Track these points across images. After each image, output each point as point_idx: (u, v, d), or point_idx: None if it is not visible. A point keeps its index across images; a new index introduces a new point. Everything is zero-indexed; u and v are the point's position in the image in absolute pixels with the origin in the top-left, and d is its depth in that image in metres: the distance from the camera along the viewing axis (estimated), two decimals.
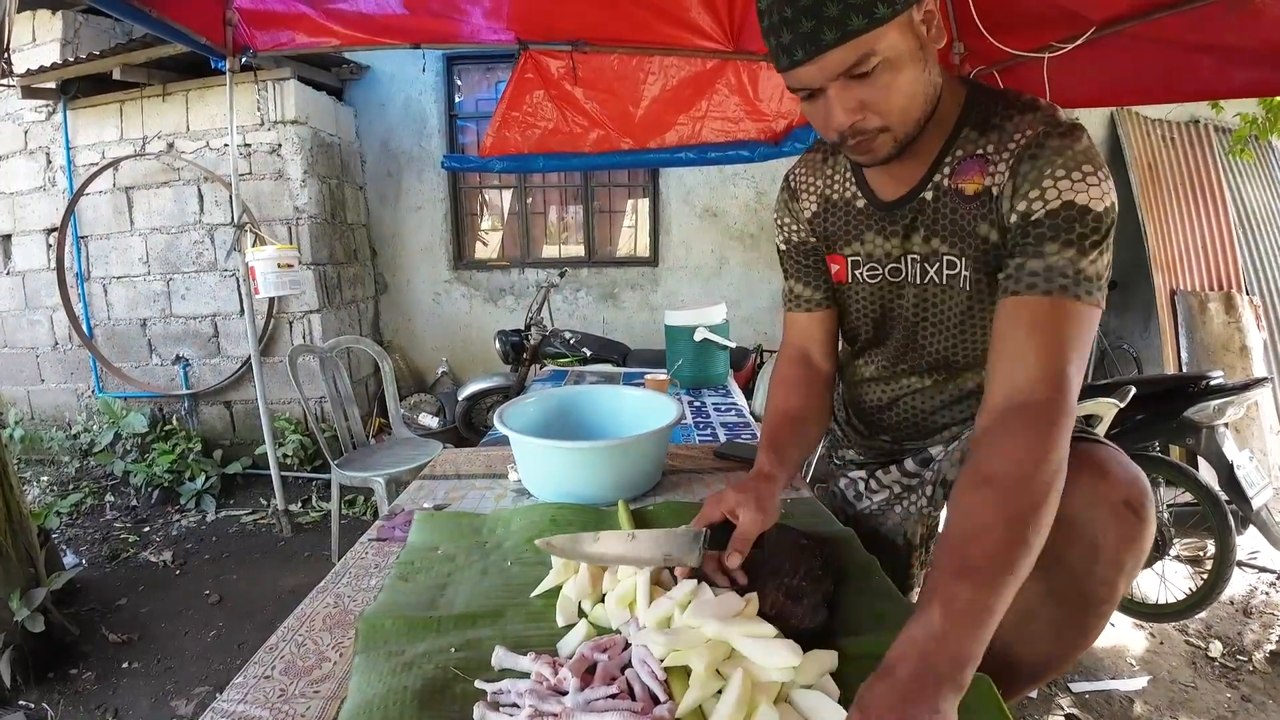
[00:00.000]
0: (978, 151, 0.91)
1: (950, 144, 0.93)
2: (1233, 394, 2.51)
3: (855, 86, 0.82)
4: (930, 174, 0.95)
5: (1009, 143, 0.88)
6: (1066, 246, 0.82)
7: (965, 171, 0.91)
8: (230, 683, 0.78)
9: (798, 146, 3.29)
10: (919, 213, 0.98)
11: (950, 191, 0.94)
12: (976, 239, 0.92)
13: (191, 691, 2.30)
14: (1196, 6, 1.86)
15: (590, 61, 2.93)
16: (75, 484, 4.19)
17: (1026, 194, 0.85)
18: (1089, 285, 0.82)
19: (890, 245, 1.03)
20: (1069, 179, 0.82)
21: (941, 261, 0.98)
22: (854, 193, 1.07)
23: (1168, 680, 2.28)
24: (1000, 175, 0.88)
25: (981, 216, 0.91)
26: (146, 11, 2.19)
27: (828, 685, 0.72)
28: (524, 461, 1.33)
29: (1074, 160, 0.83)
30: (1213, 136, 4.44)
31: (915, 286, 1.03)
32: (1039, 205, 0.84)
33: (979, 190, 0.90)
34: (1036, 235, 0.84)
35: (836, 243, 1.11)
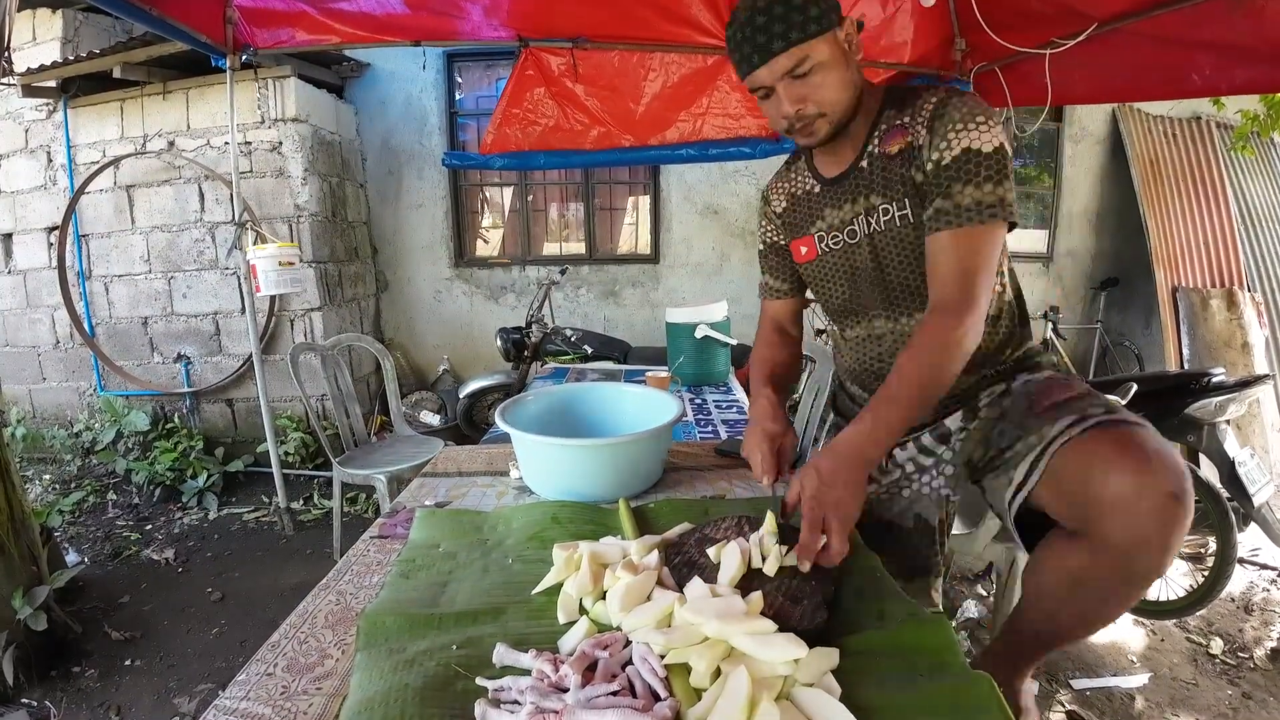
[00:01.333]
0: (897, 122, 1.17)
1: (876, 124, 1.20)
2: (1234, 391, 2.51)
3: (797, 84, 1.11)
4: (864, 148, 1.21)
5: (922, 111, 1.13)
6: (966, 184, 1.07)
7: (889, 138, 1.17)
8: (232, 680, 0.78)
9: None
10: (858, 180, 1.22)
11: (879, 156, 1.19)
12: (907, 184, 1.15)
13: (194, 689, 2.30)
14: (1197, 3, 1.86)
15: (591, 58, 2.92)
16: (77, 482, 4.20)
17: (938, 144, 1.10)
18: (992, 210, 1.06)
19: (843, 213, 1.26)
20: (965, 129, 1.08)
21: (878, 212, 1.20)
22: (811, 183, 1.33)
23: (1169, 677, 2.28)
24: (919, 133, 1.13)
25: (907, 165, 1.15)
26: (147, 9, 2.19)
27: (829, 683, 0.72)
28: (525, 459, 1.34)
29: (968, 113, 1.08)
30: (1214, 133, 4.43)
31: (867, 238, 1.23)
32: (946, 153, 1.09)
33: (902, 148, 1.15)
34: (946, 178, 1.09)
35: (804, 226, 1.35)
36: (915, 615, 0.87)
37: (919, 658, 0.79)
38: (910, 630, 0.84)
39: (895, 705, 0.71)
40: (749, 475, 1.47)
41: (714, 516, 1.11)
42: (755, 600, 0.83)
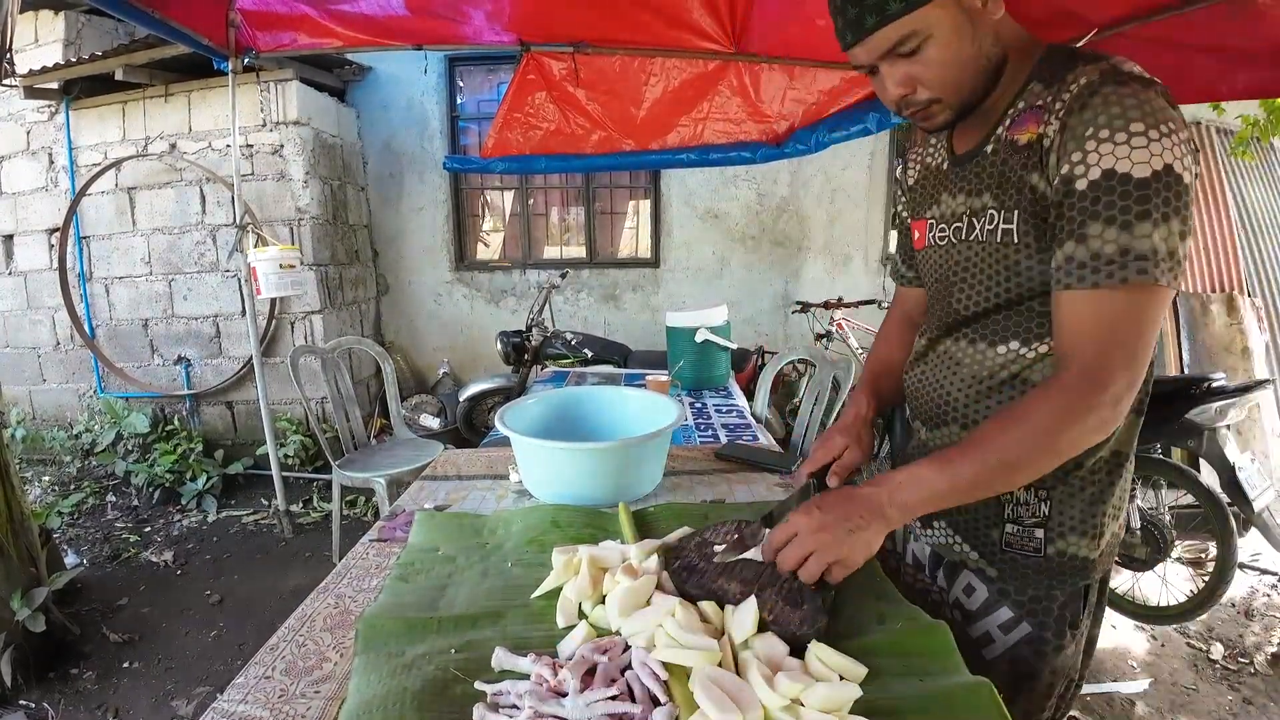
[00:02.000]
0: (1037, 103, 0.87)
1: (1017, 97, 0.91)
2: (1234, 396, 2.51)
3: (902, 63, 0.87)
4: (995, 128, 0.94)
5: (1065, 91, 0.82)
6: (1109, 225, 0.77)
7: (1022, 122, 0.88)
8: (231, 683, 0.78)
9: (799, 148, 3.29)
10: (980, 167, 0.95)
11: (1006, 143, 0.91)
12: (1024, 188, 0.87)
13: (192, 691, 2.30)
14: (1198, 8, 1.86)
15: (592, 63, 2.93)
16: (77, 484, 4.20)
17: (1070, 155, 0.80)
18: (1140, 265, 0.76)
19: (956, 204, 1.00)
20: (1112, 140, 0.76)
21: (985, 216, 0.94)
22: (943, 155, 1.06)
23: (1169, 682, 2.28)
24: (1051, 125, 0.83)
25: (1031, 166, 0.86)
26: (149, 12, 2.20)
27: None
28: (525, 462, 1.33)
29: (1122, 116, 0.76)
30: (1214, 138, 4.43)
31: (962, 244, 0.98)
32: (1080, 171, 0.79)
33: (1031, 139, 0.86)
34: (1079, 211, 0.79)
35: (922, 207, 1.10)
36: (915, 619, 0.87)
37: (918, 661, 0.79)
38: (910, 634, 0.84)
39: (894, 708, 0.71)
40: (749, 480, 1.47)
41: (714, 521, 1.11)
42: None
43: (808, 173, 5.04)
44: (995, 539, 0.99)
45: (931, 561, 1.15)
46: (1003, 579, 1.00)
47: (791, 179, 5.07)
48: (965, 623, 1.05)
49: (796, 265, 5.25)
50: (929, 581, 1.13)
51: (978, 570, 1.03)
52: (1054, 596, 0.97)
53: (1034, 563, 0.97)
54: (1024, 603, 0.98)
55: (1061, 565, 0.96)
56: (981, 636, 1.03)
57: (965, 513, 1.03)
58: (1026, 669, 0.99)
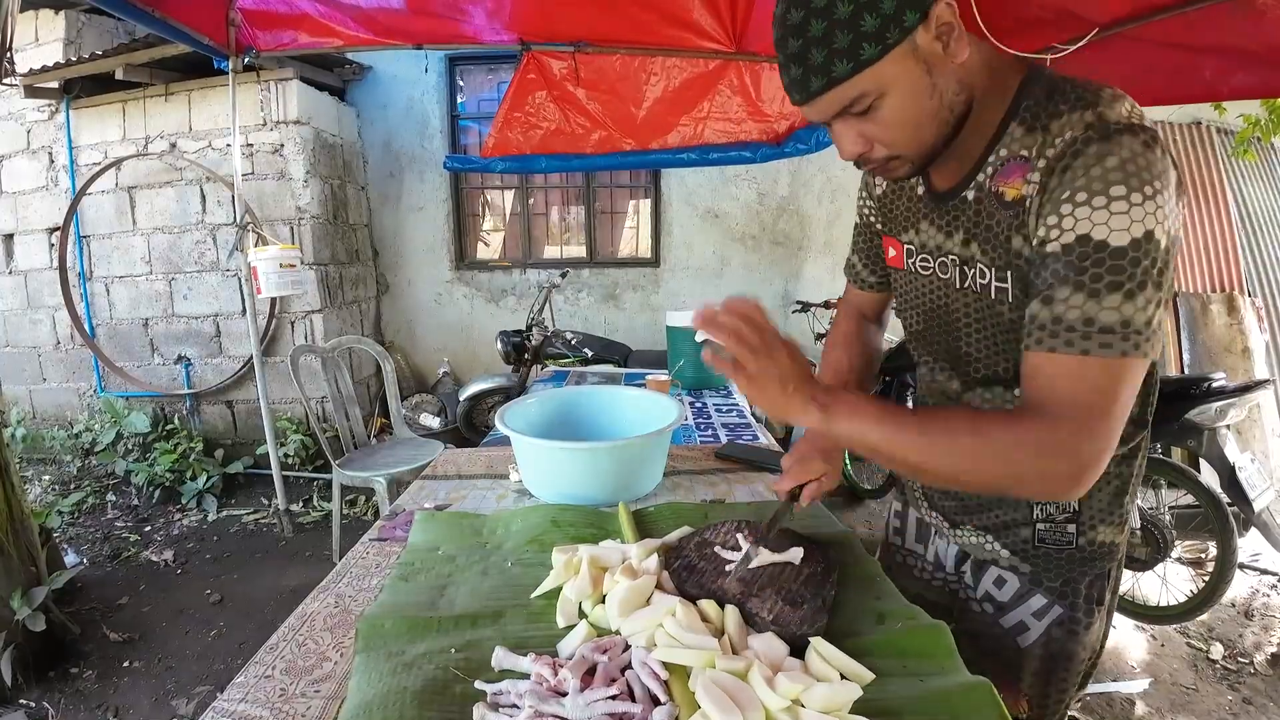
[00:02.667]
0: (1021, 152, 0.81)
1: (997, 140, 0.84)
2: (1234, 396, 2.51)
3: (855, 122, 0.81)
4: (974, 172, 0.87)
5: (1049, 147, 0.77)
6: (1077, 291, 0.72)
7: (1007, 174, 0.82)
8: (231, 682, 0.78)
9: (800, 147, 3.30)
10: (961, 211, 0.90)
11: (991, 195, 0.85)
12: (1010, 251, 0.83)
13: (192, 691, 2.30)
14: (1199, 8, 1.86)
15: (592, 62, 2.93)
16: (77, 483, 4.20)
17: (1047, 218, 0.76)
18: (1104, 339, 0.71)
19: (939, 239, 0.96)
20: (1090, 205, 0.71)
21: (976, 269, 0.89)
22: (916, 179, 1.00)
23: (1169, 682, 2.28)
24: (1033, 181, 0.78)
25: (1016, 227, 0.82)
26: (149, 11, 2.20)
27: None
28: (525, 462, 1.33)
29: (1103, 179, 0.71)
30: (1214, 138, 4.43)
31: (958, 292, 0.94)
32: (1055, 235, 0.75)
33: (1017, 197, 0.81)
34: (1051, 274, 0.75)
35: (896, 227, 1.06)
36: (915, 619, 0.87)
37: (918, 662, 0.79)
38: (909, 634, 0.84)
39: (894, 709, 0.71)
40: (749, 479, 1.47)
41: (714, 520, 1.11)
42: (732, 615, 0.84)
43: (808, 172, 5.04)
44: (1027, 537, 1.00)
45: (956, 559, 1.14)
46: (1035, 572, 1.01)
47: (792, 178, 5.07)
48: (998, 614, 1.05)
49: (797, 265, 5.25)
50: (954, 580, 1.13)
51: (1010, 567, 1.03)
52: (1083, 579, 0.99)
53: (1066, 554, 0.98)
54: (1056, 588, 1.00)
55: (1092, 553, 0.98)
56: (1016, 625, 1.04)
57: (995, 515, 1.03)
58: (1060, 649, 1.00)
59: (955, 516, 1.09)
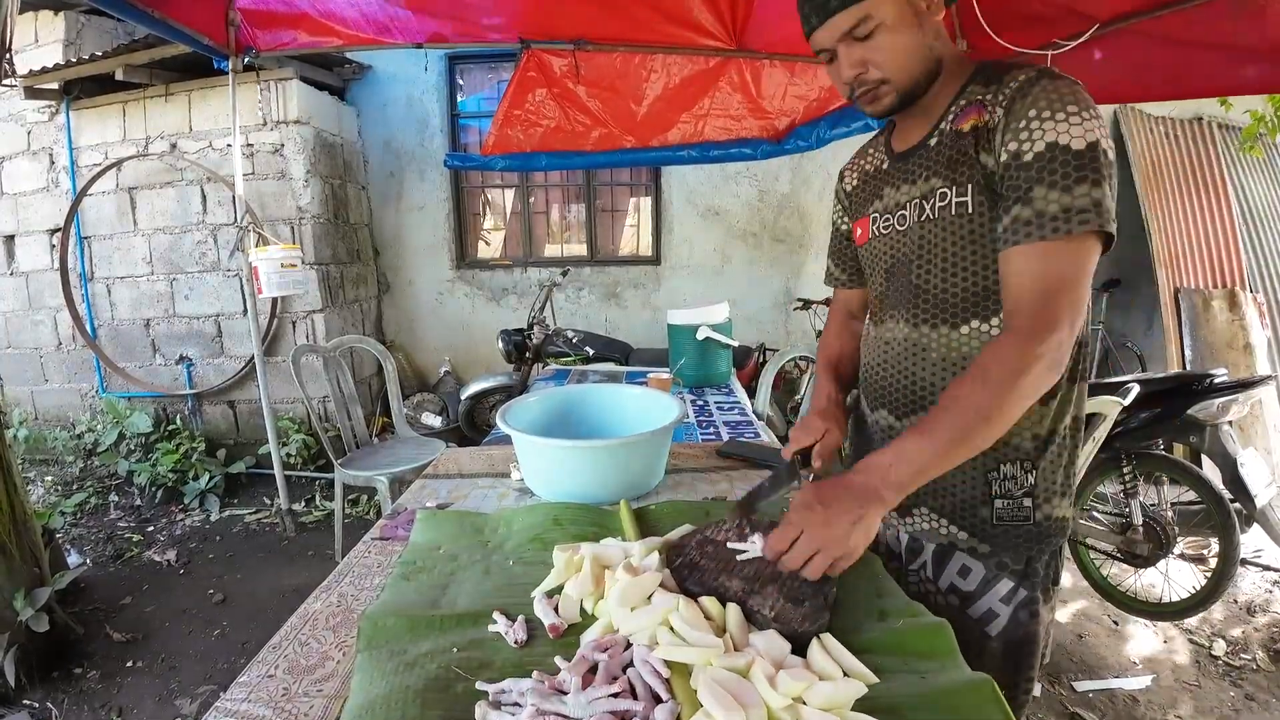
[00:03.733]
0: (977, 98, 0.99)
1: (956, 98, 1.03)
2: (1236, 392, 2.51)
3: (857, 47, 0.99)
4: (937, 124, 1.05)
5: (1006, 87, 0.95)
6: (1052, 188, 0.88)
7: (965, 114, 1.00)
8: (234, 681, 0.78)
9: (800, 144, 3.29)
10: (924, 158, 1.06)
11: (950, 133, 1.02)
12: (974, 166, 0.97)
13: (195, 690, 2.30)
14: (1199, 4, 1.86)
15: (593, 60, 2.92)
16: (79, 484, 4.20)
17: (1016, 133, 0.91)
18: (1083, 217, 0.87)
19: (900, 194, 1.10)
20: (1053, 119, 0.89)
21: (935, 195, 1.02)
22: (882, 158, 1.18)
23: (1171, 679, 2.28)
24: (995, 113, 0.95)
25: (979, 147, 0.97)
26: (149, 12, 2.20)
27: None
28: (526, 461, 1.33)
29: (1059, 100, 0.89)
30: (1216, 134, 4.42)
31: (915, 226, 1.07)
32: (1026, 146, 0.90)
33: (975, 125, 0.97)
34: (1025, 179, 0.90)
35: (863, 207, 1.20)
36: (917, 616, 0.87)
37: (920, 659, 0.79)
38: (911, 632, 0.84)
39: (896, 706, 0.71)
40: (751, 477, 1.47)
41: (715, 518, 1.11)
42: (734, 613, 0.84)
43: (809, 169, 5.04)
44: (986, 516, 1.05)
45: (909, 549, 1.17)
46: (996, 552, 1.05)
47: (792, 175, 5.07)
48: (964, 605, 1.08)
49: (798, 262, 5.24)
50: (914, 574, 1.16)
51: (969, 549, 1.07)
52: (1040, 558, 1.05)
53: (1025, 530, 1.04)
54: (1020, 570, 1.05)
55: (1048, 528, 1.04)
56: (984, 615, 1.07)
57: (951, 495, 1.07)
58: (1026, 632, 1.06)
59: (906, 501, 1.08)
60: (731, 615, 0.83)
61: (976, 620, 1.07)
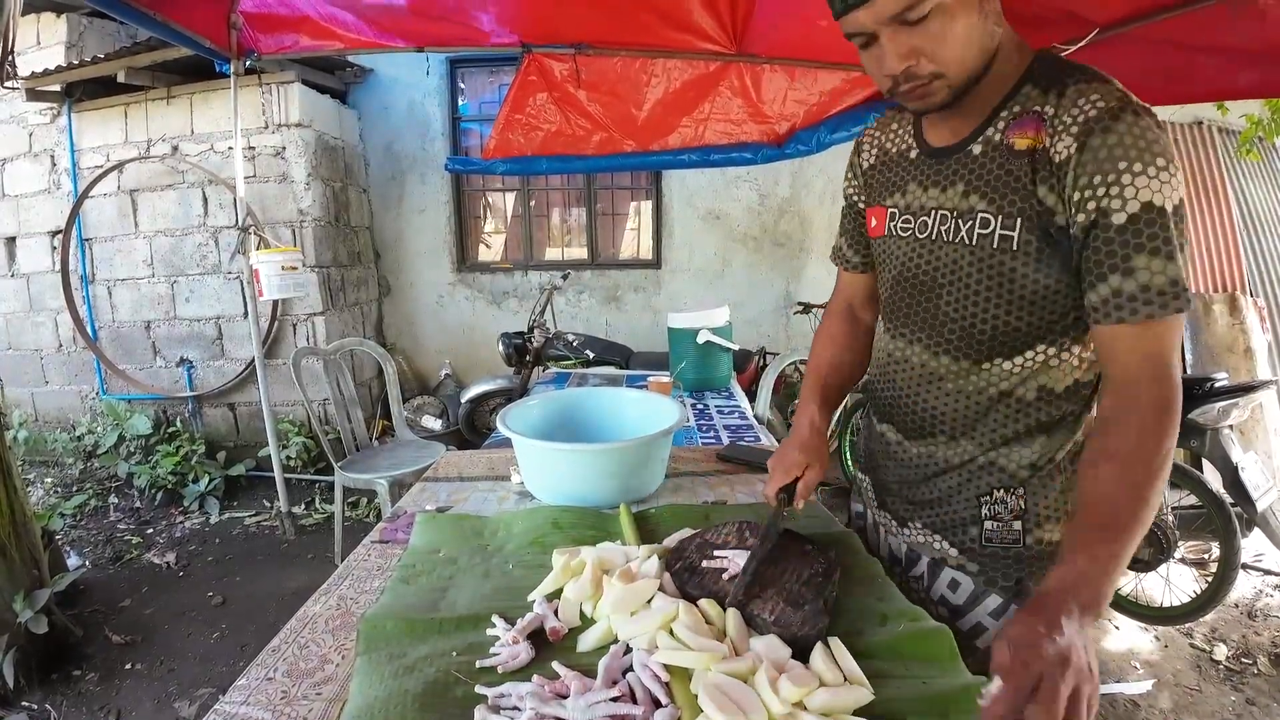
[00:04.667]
0: (1035, 108, 0.86)
1: (1009, 99, 0.89)
2: (1237, 396, 2.51)
3: (907, 32, 0.81)
4: (983, 127, 0.91)
5: (1074, 109, 0.81)
6: (1154, 256, 0.79)
7: (1020, 126, 0.86)
8: (233, 684, 0.78)
9: (800, 149, 3.29)
10: (963, 165, 0.93)
11: (1000, 146, 0.89)
12: (1030, 199, 0.86)
13: (194, 693, 2.30)
14: (1200, 8, 1.86)
15: (593, 64, 2.93)
16: (79, 485, 4.20)
17: (1104, 182, 0.79)
18: (1177, 289, 0.79)
19: (927, 197, 0.98)
20: (1145, 175, 0.77)
21: (975, 219, 0.91)
22: (909, 144, 1.04)
23: (1172, 683, 2.27)
24: (1062, 140, 0.82)
25: (1035, 176, 0.85)
26: (151, 15, 2.20)
27: None
28: (526, 464, 1.33)
29: (1150, 151, 0.78)
30: (1216, 138, 4.42)
31: (946, 245, 0.95)
32: (1118, 205, 0.78)
33: (1031, 146, 0.85)
34: (1121, 245, 0.79)
35: (881, 194, 1.08)
36: (917, 621, 0.86)
37: (921, 664, 0.79)
38: (912, 637, 0.83)
39: (896, 711, 0.71)
40: (751, 481, 1.47)
41: (715, 522, 1.11)
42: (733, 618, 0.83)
43: (809, 173, 5.04)
44: (975, 536, 1.01)
45: (908, 558, 1.15)
46: (984, 571, 1.02)
47: (793, 180, 5.07)
48: (954, 617, 1.06)
49: (798, 266, 5.24)
50: (915, 581, 1.14)
51: (959, 567, 1.04)
52: (1032, 579, 0.99)
53: (1014, 552, 0.99)
54: (1010, 588, 1.00)
55: (1040, 552, 0.99)
56: (973, 628, 1.04)
57: (942, 513, 1.05)
58: None
59: (903, 514, 1.11)
60: (731, 619, 0.83)
61: (966, 633, 1.03)
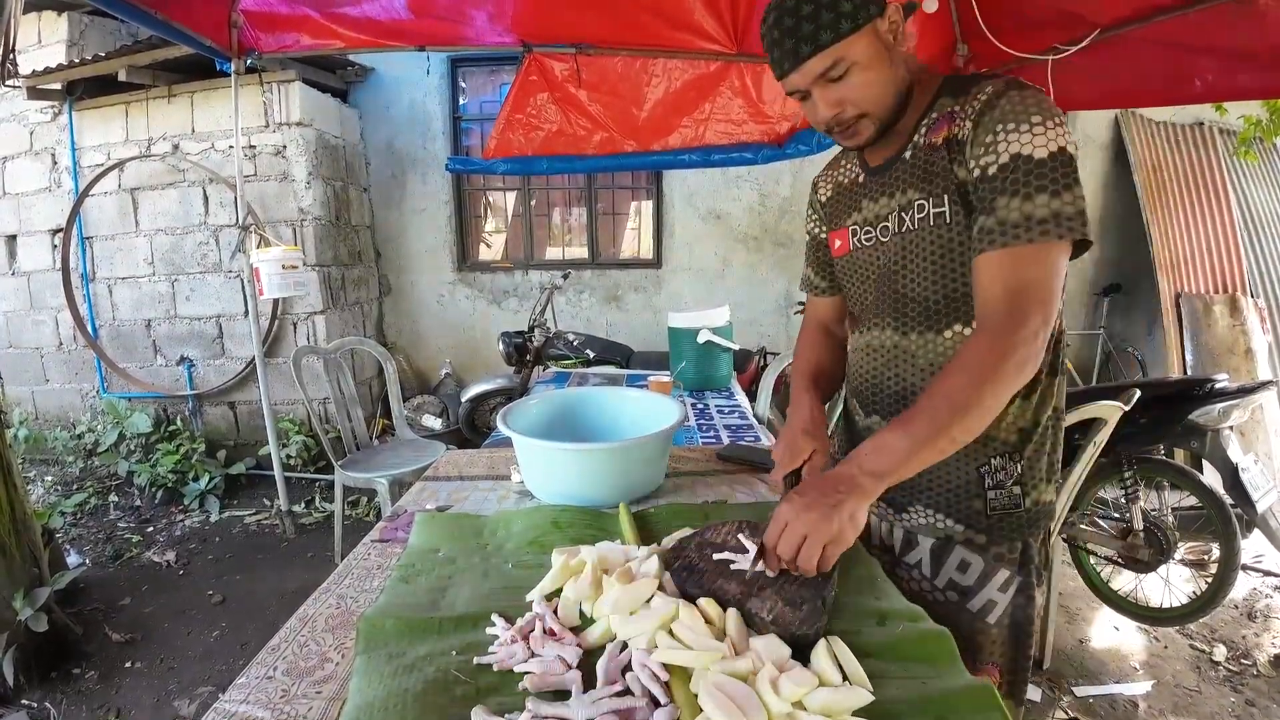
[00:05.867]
0: (948, 110, 1.02)
1: (928, 112, 1.07)
2: (1237, 397, 2.50)
3: (832, 87, 1.01)
4: (910, 138, 1.08)
5: (974, 100, 0.98)
6: (1013, 197, 0.92)
7: (936, 128, 1.04)
8: (233, 683, 0.78)
9: (801, 148, 3.30)
10: (899, 171, 1.09)
11: (923, 147, 1.05)
12: (949, 178, 1.01)
13: (194, 691, 2.30)
14: (1200, 9, 1.86)
15: (594, 64, 2.93)
16: (79, 484, 4.20)
17: (985, 146, 0.95)
18: (1044, 226, 0.91)
19: (879, 206, 1.14)
20: (1016, 130, 0.93)
21: (913, 208, 1.07)
22: (856, 171, 1.21)
23: (1171, 684, 2.27)
24: (964, 126, 0.98)
25: (951, 160, 1.01)
26: (152, 13, 2.20)
27: None
28: (526, 463, 1.33)
29: (1023, 111, 0.93)
30: (1217, 139, 4.43)
31: (897, 237, 1.10)
32: (991, 159, 0.94)
33: (947, 138, 1.01)
34: (990, 190, 0.95)
35: (840, 218, 1.24)
36: (917, 621, 0.86)
37: (920, 664, 0.79)
38: (911, 637, 0.83)
39: (895, 711, 0.71)
40: (751, 480, 1.47)
41: (715, 521, 1.11)
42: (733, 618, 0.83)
43: (809, 173, 5.00)
44: (980, 508, 1.10)
45: (904, 543, 1.20)
46: (992, 541, 1.10)
47: (793, 180, 5.07)
48: (963, 599, 1.13)
49: (799, 266, 5.22)
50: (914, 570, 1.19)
51: (966, 541, 1.12)
52: (1031, 544, 1.11)
53: (1016, 517, 1.09)
54: (1016, 559, 1.10)
55: (1038, 513, 1.10)
56: (984, 606, 1.12)
57: (945, 490, 1.12)
58: (1023, 616, 1.11)
59: (901, 500, 1.18)
60: (731, 619, 0.83)
61: (976, 612, 1.11)
